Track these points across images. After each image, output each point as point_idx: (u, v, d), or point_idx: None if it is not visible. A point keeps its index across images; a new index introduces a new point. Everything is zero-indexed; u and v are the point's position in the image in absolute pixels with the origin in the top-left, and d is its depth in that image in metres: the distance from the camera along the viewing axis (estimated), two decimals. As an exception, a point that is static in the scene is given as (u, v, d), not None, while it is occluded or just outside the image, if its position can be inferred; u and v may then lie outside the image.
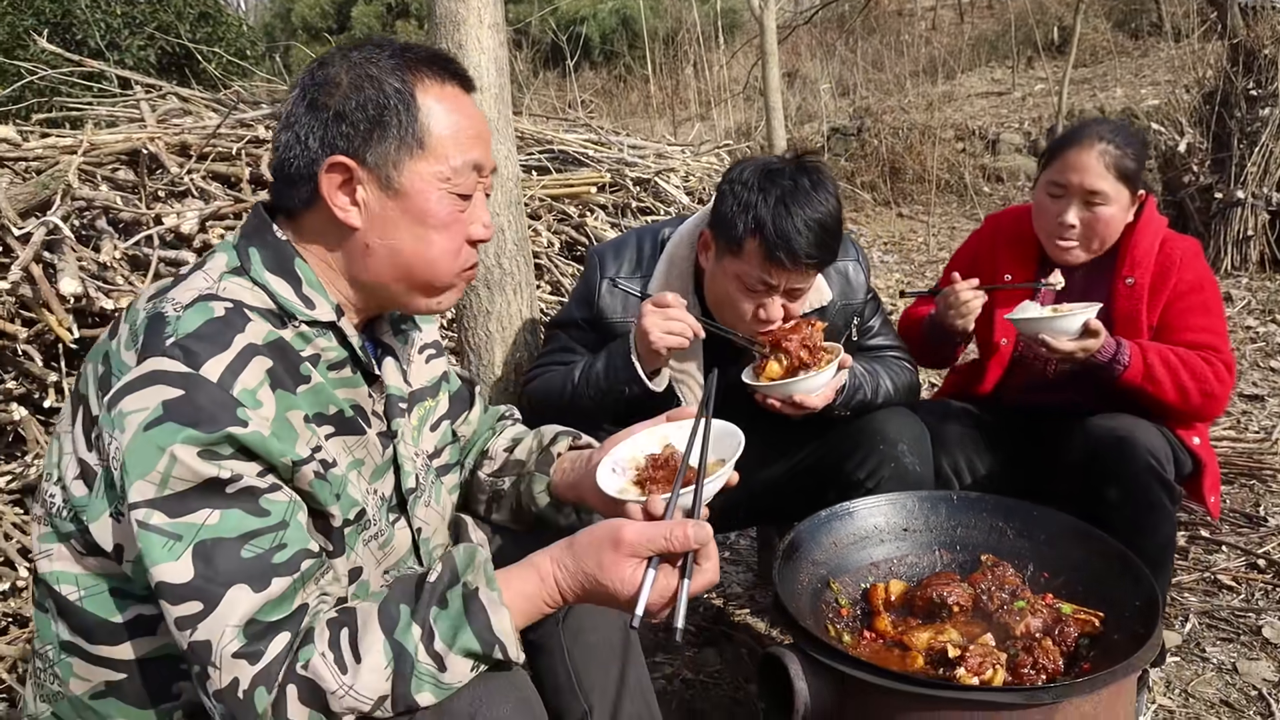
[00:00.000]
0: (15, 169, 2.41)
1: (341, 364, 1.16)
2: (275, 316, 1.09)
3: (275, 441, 1.01)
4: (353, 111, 1.08)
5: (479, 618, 1.01)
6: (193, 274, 1.11)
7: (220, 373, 0.99)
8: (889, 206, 7.81)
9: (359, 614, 1.01)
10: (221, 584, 0.96)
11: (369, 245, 1.12)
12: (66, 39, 7.29)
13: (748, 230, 1.71)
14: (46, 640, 1.11)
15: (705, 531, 1.06)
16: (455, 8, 1.99)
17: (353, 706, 0.96)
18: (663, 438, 1.32)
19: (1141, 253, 2.07)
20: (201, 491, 0.97)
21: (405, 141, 1.09)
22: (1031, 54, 10.92)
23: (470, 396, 1.53)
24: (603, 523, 1.09)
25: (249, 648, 0.96)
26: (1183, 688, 2.09)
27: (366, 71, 1.09)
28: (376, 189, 1.10)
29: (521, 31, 11.28)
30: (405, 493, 1.26)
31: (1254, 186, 5.23)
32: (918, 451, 1.88)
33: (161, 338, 1.00)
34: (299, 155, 1.10)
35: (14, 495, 2.13)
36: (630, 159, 4.17)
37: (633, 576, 1.04)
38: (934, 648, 1.47)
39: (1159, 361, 1.96)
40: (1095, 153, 2.01)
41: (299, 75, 1.15)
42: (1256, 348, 4.21)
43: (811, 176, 1.74)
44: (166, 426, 0.95)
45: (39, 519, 1.10)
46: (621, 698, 1.41)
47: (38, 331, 2.09)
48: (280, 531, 1.01)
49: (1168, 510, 1.85)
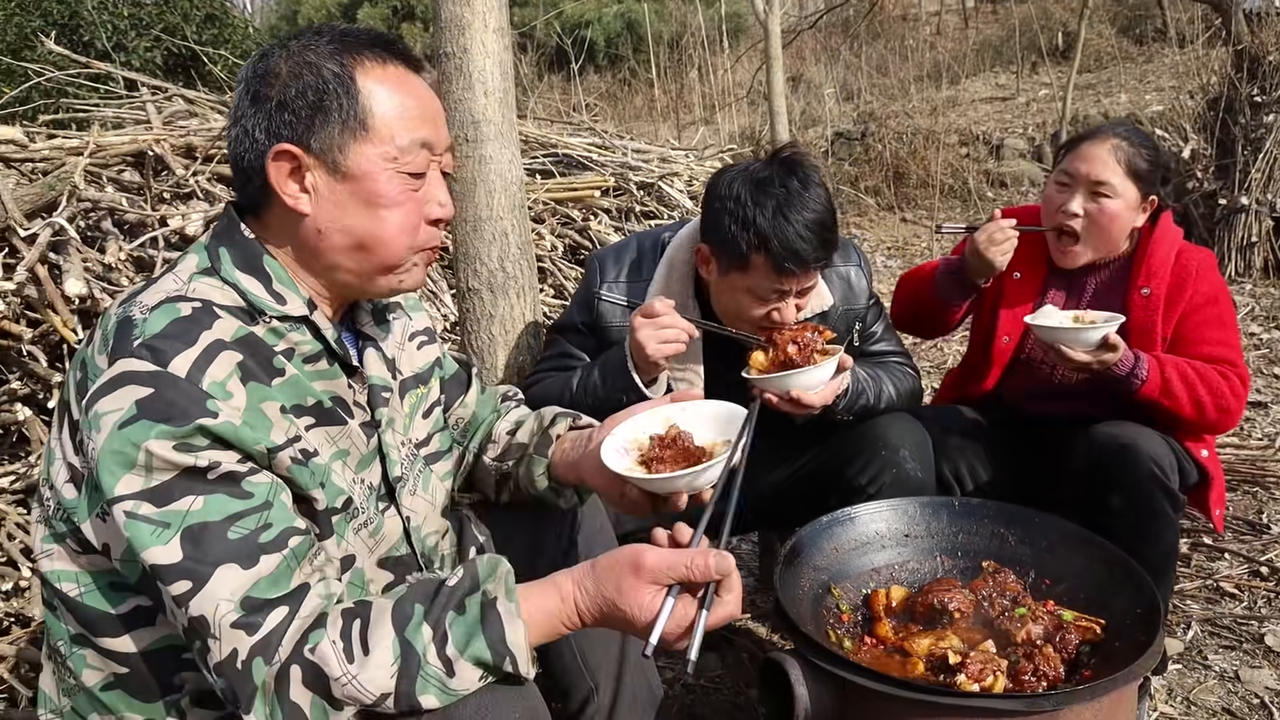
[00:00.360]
0: (22, 170, 2.42)
1: (316, 357, 1.17)
2: (245, 314, 1.11)
3: (248, 430, 1.02)
4: (293, 99, 1.09)
5: (494, 628, 1.01)
6: (163, 277, 1.12)
7: (188, 368, 1.00)
8: (892, 211, 7.81)
9: (374, 608, 1.02)
10: (210, 564, 0.98)
11: (321, 230, 1.13)
12: (73, 40, 7.32)
13: (752, 247, 1.71)
14: (58, 636, 1.14)
15: (728, 563, 1.05)
16: (460, 11, 2.00)
17: (354, 696, 0.97)
18: (665, 418, 1.32)
19: (1158, 263, 2.06)
20: (182, 480, 0.99)
21: (348, 125, 1.10)
22: (1036, 59, 10.92)
23: (468, 379, 1.54)
24: (625, 547, 1.09)
25: (246, 619, 0.97)
26: (1185, 695, 2.08)
27: (304, 59, 1.10)
28: (324, 174, 1.11)
29: (526, 35, 11.31)
30: (393, 481, 1.27)
31: (1258, 193, 5.22)
32: (919, 458, 1.88)
33: (129, 340, 1.02)
34: (248, 149, 1.11)
35: (17, 495, 2.14)
36: (634, 163, 4.18)
37: (651, 603, 1.03)
38: (935, 654, 1.47)
39: (1176, 376, 1.94)
40: (1108, 146, 2.01)
41: (242, 69, 1.15)
42: (1260, 354, 4.20)
43: (799, 175, 1.75)
44: (140, 424, 0.97)
45: (39, 520, 1.13)
46: (623, 674, 1.45)
47: (42, 332, 2.09)
48: (265, 512, 1.02)
49: (1170, 518, 1.84)
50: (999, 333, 2.20)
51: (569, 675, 1.46)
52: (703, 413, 1.35)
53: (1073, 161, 2.05)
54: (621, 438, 1.30)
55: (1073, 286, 2.18)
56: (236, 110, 1.12)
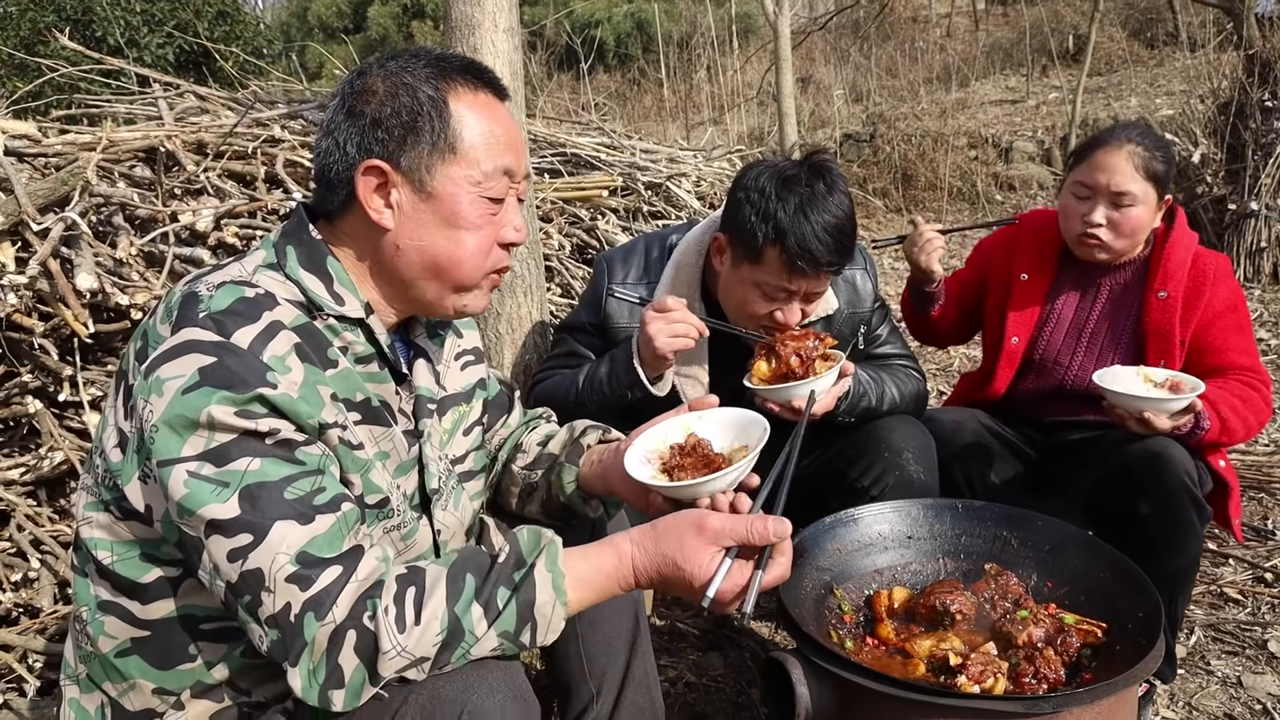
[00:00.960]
0: (35, 165, 2.44)
1: (369, 359, 1.21)
2: (304, 308, 1.14)
3: (303, 404, 1.06)
4: (388, 118, 1.13)
5: (526, 593, 1.05)
6: (229, 264, 1.17)
7: (250, 341, 1.05)
8: (900, 213, 7.80)
9: (428, 576, 1.05)
10: (269, 519, 1.01)
11: (399, 246, 1.17)
12: (86, 35, 7.36)
13: (767, 240, 1.73)
14: (83, 602, 1.17)
15: (785, 527, 1.13)
16: (470, 11, 2.01)
17: (398, 666, 1.00)
18: (685, 427, 1.38)
19: (1174, 265, 2.05)
20: (241, 442, 1.03)
21: (438, 146, 1.14)
22: (1046, 62, 10.89)
23: (510, 402, 1.58)
24: (686, 511, 1.15)
25: (302, 572, 1.01)
26: (1187, 700, 2.08)
27: (402, 80, 1.15)
28: (410, 192, 1.15)
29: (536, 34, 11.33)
30: (429, 493, 1.29)
31: (1268, 198, 5.21)
32: (923, 461, 1.88)
33: (195, 312, 1.06)
34: (338, 160, 1.15)
35: (27, 488, 2.16)
36: (642, 163, 4.18)
37: (710, 563, 1.10)
38: (936, 655, 1.47)
39: (1231, 413, 1.93)
40: (1124, 154, 2.00)
41: (339, 84, 1.20)
42: (1268, 360, 4.19)
43: (825, 179, 1.76)
44: (203, 390, 1.01)
45: (86, 488, 1.16)
46: (626, 687, 1.46)
47: (54, 326, 2.11)
48: (318, 477, 1.06)
49: (1196, 529, 1.82)
50: (1008, 334, 2.20)
51: (572, 678, 1.47)
52: (720, 420, 1.41)
53: (1090, 172, 2.04)
54: (643, 448, 1.34)
55: (1086, 285, 2.18)
56: (330, 123, 1.17)
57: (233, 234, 2.48)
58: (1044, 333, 2.20)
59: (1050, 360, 2.19)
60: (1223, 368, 2.04)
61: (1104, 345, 2.14)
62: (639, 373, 1.77)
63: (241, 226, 2.54)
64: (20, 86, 4.37)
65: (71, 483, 2.18)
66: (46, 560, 2.05)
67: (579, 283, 3.41)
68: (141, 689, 1.16)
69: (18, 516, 2.09)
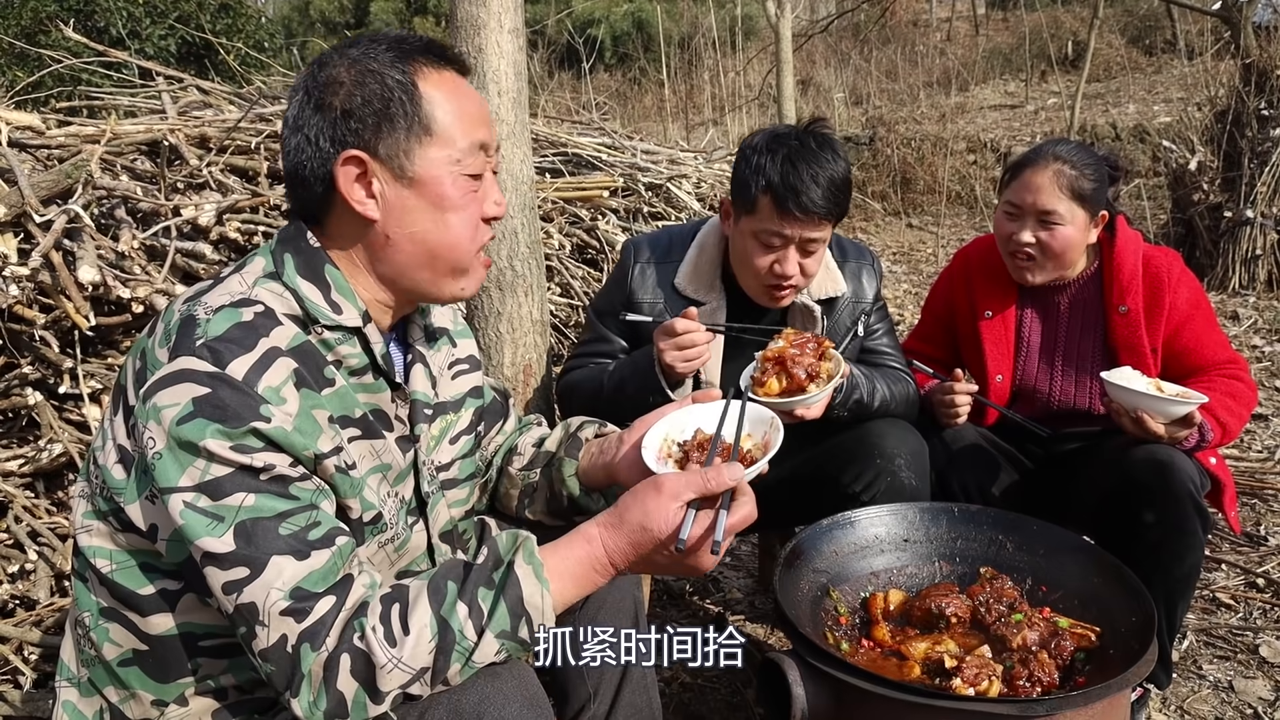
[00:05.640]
0: (38, 156, 2.44)
1: (362, 371, 1.20)
2: (300, 322, 1.13)
3: (298, 436, 1.05)
4: (359, 107, 1.11)
5: (513, 590, 1.05)
6: (230, 277, 1.15)
7: (245, 372, 1.03)
8: (899, 217, 7.82)
9: (410, 590, 1.05)
10: (265, 554, 1.01)
11: (389, 236, 1.16)
12: (88, 26, 7.34)
13: (759, 189, 1.82)
14: (85, 608, 1.16)
15: (737, 470, 1.15)
16: (475, 12, 2.01)
17: (400, 680, 1.00)
18: (692, 421, 1.39)
19: (1128, 277, 2.06)
20: (236, 477, 1.02)
21: (413, 130, 1.13)
22: (1045, 68, 10.92)
23: (505, 408, 1.58)
24: (642, 481, 1.17)
25: (296, 606, 1.00)
26: (1179, 705, 2.10)
27: (367, 67, 1.13)
28: (391, 179, 1.13)
29: (537, 32, 11.31)
30: (424, 495, 1.30)
31: (1263, 206, 5.24)
32: (915, 467, 1.89)
33: (192, 338, 1.05)
34: (311, 156, 1.13)
35: (25, 479, 2.16)
36: (643, 164, 4.19)
37: (675, 517, 1.12)
38: (931, 658, 1.49)
39: (1229, 416, 1.94)
40: (1050, 173, 2.01)
41: (299, 78, 1.17)
42: (1262, 367, 4.21)
43: (817, 138, 1.86)
44: (197, 422, 1.00)
45: (84, 496, 1.16)
46: (623, 687, 1.46)
47: (55, 318, 2.11)
48: (312, 512, 1.06)
49: (1199, 537, 1.83)
50: (990, 373, 2.21)
51: (569, 678, 1.47)
52: (719, 412, 1.40)
53: (1018, 191, 2.05)
54: (656, 443, 1.35)
55: (1046, 308, 2.19)
56: (296, 119, 1.14)
57: (235, 229, 2.49)
58: (1020, 364, 2.21)
59: (1030, 388, 2.20)
60: (1203, 366, 2.06)
61: (1078, 365, 2.15)
62: (660, 381, 1.84)
63: (244, 222, 2.54)
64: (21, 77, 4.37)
65: (70, 475, 2.18)
66: (44, 552, 2.05)
67: (579, 283, 3.42)
68: (141, 699, 1.16)
69: (15, 508, 2.09)
